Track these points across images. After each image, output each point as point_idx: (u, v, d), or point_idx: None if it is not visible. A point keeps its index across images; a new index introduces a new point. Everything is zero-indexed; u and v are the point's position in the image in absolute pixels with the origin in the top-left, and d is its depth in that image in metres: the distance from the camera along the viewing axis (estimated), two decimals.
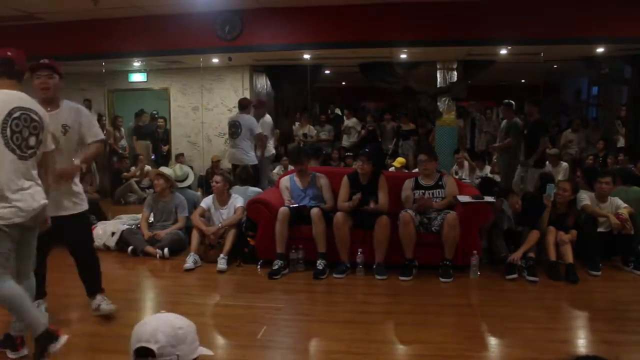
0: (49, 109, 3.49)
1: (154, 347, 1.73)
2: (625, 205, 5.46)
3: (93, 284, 4.04)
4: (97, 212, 6.93)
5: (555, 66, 11.35)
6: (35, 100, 3.26)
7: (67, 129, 3.71)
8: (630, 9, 7.06)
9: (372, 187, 5.32)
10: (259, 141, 8.07)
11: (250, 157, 7.88)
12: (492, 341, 3.77)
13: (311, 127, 10.75)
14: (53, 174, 3.41)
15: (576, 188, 5.80)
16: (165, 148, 10.73)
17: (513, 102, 8.56)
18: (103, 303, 3.98)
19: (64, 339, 3.18)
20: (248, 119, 8.03)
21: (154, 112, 11.41)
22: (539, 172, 7.15)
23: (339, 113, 12.84)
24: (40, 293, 3.83)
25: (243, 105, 8.17)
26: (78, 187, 3.85)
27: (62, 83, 3.73)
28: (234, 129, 7.93)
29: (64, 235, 3.83)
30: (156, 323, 1.80)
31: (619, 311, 4.27)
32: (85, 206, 3.88)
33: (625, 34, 7.20)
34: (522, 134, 7.72)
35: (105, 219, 6.94)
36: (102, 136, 3.93)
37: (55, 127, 3.57)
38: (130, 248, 5.86)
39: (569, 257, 5.05)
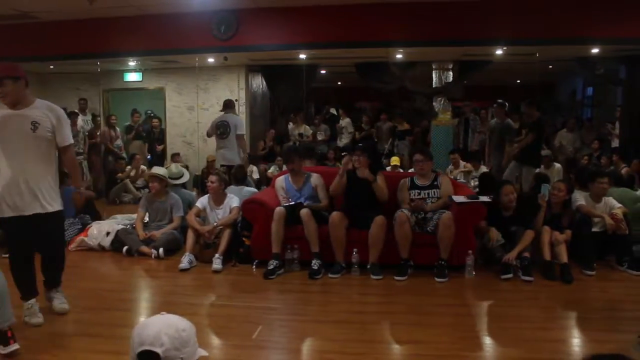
0: (17, 107, 3.69)
1: (159, 350, 1.69)
2: (620, 205, 5.48)
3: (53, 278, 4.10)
4: (92, 212, 6.91)
5: (550, 67, 11.39)
6: None
7: (36, 125, 3.72)
8: (625, 10, 7.10)
9: (369, 184, 5.28)
10: (242, 141, 8.09)
11: (242, 157, 7.94)
12: (487, 341, 3.77)
13: (307, 127, 10.75)
14: None
15: (571, 188, 5.83)
16: (160, 147, 10.71)
17: (506, 103, 8.59)
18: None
19: (11, 349, 3.21)
20: (236, 118, 8.06)
21: (149, 111, 11.40)
22: (534, 172, 7.18)
23: (335, 113, 12.84)
24: (33, 292, 3.86)
25: (229, 105, 8.20)
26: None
27: (21, 84, 3.71)
28: (223, 129, 7.93)
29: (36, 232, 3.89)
30: (159, 325, 1.75)
31: (613, 310, 4.28)
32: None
33: (620, 34, 7.24)
34: (517, 134, 7.75)
35: (100, 218, 6.92)
36: (71, 140, 3.92)
37: (24, 124, 3.69)
38: (125, 248, 5.84)
39: (564, 257, 5.07)
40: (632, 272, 5.13)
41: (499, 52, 8.77)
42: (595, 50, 8.70)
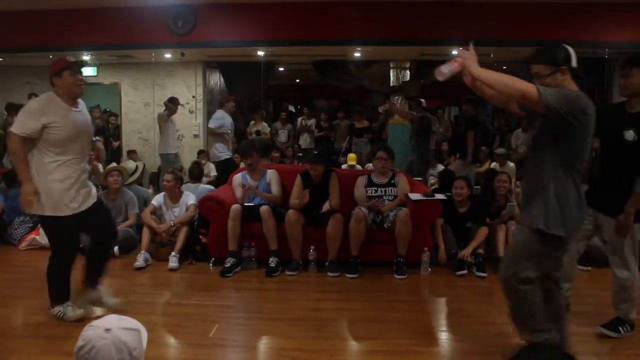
0: (75, 105, 3.79)
1: None
2: None
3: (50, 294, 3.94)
4: None
5: (504, 67, 11.62)
6: None
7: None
8: (577, 14, 7.32)
9: (324, 187, 5.35)
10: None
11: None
12: (443, 336, 3.84)
13: (265, 124, 10.71)
14: None
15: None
16: (116, 144, 10.52)
17: (422, 100, 8.85)
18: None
19: None
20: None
21: (98, 105, 11.14)
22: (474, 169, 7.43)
23: (293, 110, 12.82)
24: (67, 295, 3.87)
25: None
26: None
27: None
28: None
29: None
30: (110, 352, 1.57)
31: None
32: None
33: (567, 37, 7.45)
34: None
35: None
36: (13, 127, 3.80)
37: (87, 122, 3.89)
38: None
39: None
40: (581, 267, 5.28)
41: (455, 52, 8.88)
42: None
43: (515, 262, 2.97)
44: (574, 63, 2.94)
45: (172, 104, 8.60)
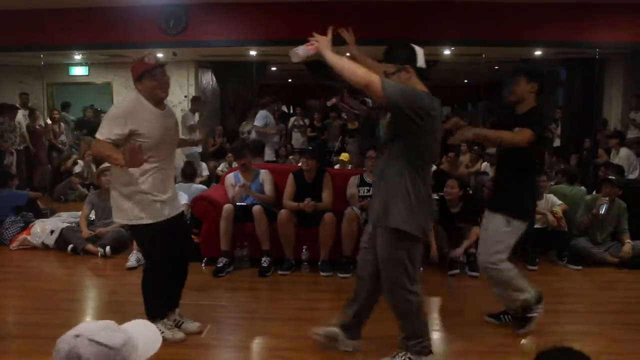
0: (162, 106, 3.53)
1: None
2: (560, 202, 5.69)
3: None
4: (35, 209, 6.71)
5: (496, 67, 11.69)
6: None
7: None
8: (564, 14, 7.36)
9: (317, 186, 5.36)
10: None
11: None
12: (435, 335, 3.84)
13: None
14: None
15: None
16: None
17: None
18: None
19: None
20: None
21: (92, 105, 11.12)
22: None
23: (285, 110, 12.80)
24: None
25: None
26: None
27: None
28: None
29: None
30: (58, 357, 1.42)
31: (555, 304, 4.43)
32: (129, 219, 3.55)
33: (558, 37, 7.51)
34: None
35: (44, 216, 6.72)
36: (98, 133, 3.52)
37: (173, 124, 3.65)
38: (70, 246, 5.69)
39: None
40: (572, 267, 5.34)
41: (446, 52, 8.94)
42: (538, 53, 8.99)
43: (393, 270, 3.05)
44: (419, 63, 3.00)
45: (198, 103, 8.63)
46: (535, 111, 3.62)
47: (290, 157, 9.54)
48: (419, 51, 3.02)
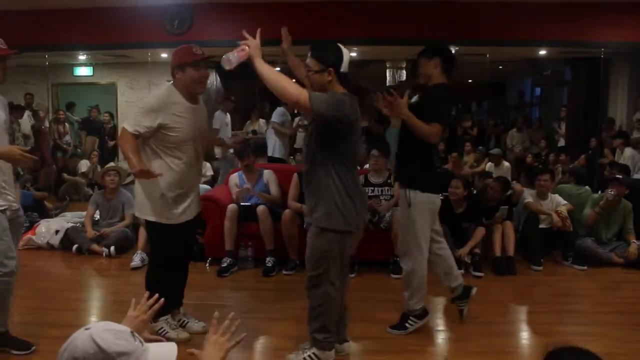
0: (194, 100, 3.44)
1: None
2: (565, 202, 5.67)
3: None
4: (41, 210, 6.73)
5: (500, 67, 11.66)
6: None
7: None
8: (569, 13, 7.34)
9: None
10: None
11: None
12: (439, 336, 3.85)
13: (262, 123, 10.68)
14: None
15: (506, 187, 5.94)
16: (112, 143, 10.51)
17: None
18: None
19: None
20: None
21: (96, 106, 11.14)
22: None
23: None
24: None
25: None
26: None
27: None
28: None
29: None
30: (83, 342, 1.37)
31: (559, 304, 4.44)
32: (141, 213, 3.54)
33: (563, 37, 7.49)
34: None
35: (49, 216, 6.74)
36: (126, 123, 3.40)
37: (202, 118, 3.58)
38: (75, 246, 5.70)
39: (510, 251, 5.27)
40: (577, 267, 5.32)
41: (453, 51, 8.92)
42: (542, 52, 8.97)
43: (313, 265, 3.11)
44: (343, 68, 3.01)
45: (229, 103, 8.60)
46: (440, 87, 3.61)
47: (291, 157, 9.53)
48: (346, 56, 3.05)
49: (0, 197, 3.18)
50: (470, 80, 13.94)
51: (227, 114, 8.15)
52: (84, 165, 9.42)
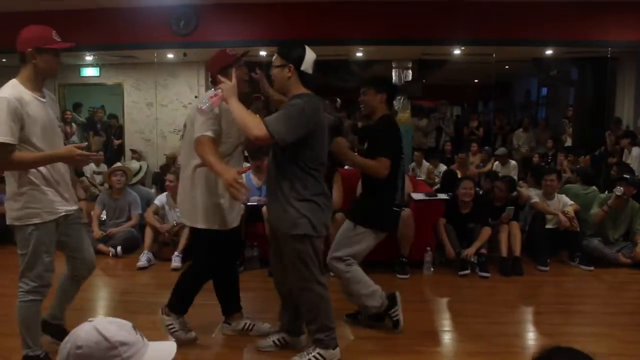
0: None
1: None
2: (572, 202, 5.65)
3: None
4: None
5: (507, 67, 11.62)
6: None
7: None
8: (575, 13, 7.32)
9: (328, 185, 5.32)
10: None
11: None
12: (445, 336, 3.85)
13: None
14: None
15: (512, 187, 5.93)
16: (118, 142, 10.55)
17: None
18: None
19: None
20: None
21: (102, 106, 11.18)
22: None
23: None
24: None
25: None
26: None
27: None
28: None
29: None
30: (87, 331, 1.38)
31: (566, 304, 4.42)
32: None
33: (571, 37, 7.46)
34: None
35: None
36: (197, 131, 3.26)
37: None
38: None
39: (517, 251, 5.26)
40: (583, 267, 5.30)
41: (457, 51, 8.91)
42: (549, 52, 8.94)
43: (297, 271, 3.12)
44: (304, 66, 3.05)
45: (259, 102, 8.55)
46: (385, 119, 3.71)
47: None
48: (309, 56, 3.07)
49: (49, 207, 3.08)
50: (476, 80, 13.92)
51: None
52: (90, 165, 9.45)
